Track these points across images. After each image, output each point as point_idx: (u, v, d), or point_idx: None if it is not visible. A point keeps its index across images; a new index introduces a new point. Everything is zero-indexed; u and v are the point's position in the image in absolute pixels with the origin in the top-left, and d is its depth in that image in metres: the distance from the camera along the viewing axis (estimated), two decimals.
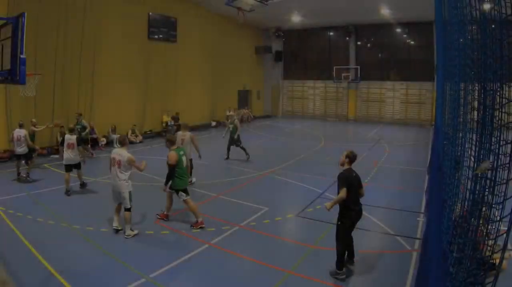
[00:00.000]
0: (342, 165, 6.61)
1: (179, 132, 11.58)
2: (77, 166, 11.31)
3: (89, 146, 16.62)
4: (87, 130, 16.31)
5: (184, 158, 8.59)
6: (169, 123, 22.40)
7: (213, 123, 27.58)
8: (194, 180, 12.03)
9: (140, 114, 21.61)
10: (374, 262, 7.02)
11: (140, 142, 17.40)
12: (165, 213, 8.93)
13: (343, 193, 6.14)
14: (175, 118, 22.78)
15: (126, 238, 7.92)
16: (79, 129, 15.60)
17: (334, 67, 31.67)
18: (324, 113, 33.58)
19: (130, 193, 8.06)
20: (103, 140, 18.82)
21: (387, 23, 28.62)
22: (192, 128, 24.00)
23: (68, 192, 10.87)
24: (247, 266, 6.90)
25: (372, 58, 31.73)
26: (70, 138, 11.13)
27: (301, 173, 13.67)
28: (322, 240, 7.91)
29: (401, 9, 24.61)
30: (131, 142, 12.23)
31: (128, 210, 8.05)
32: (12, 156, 13.26)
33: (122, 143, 8.24)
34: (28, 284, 6.00)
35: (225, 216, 9.18)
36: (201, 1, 24.93)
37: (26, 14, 5.93)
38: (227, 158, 15.67)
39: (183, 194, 8.45)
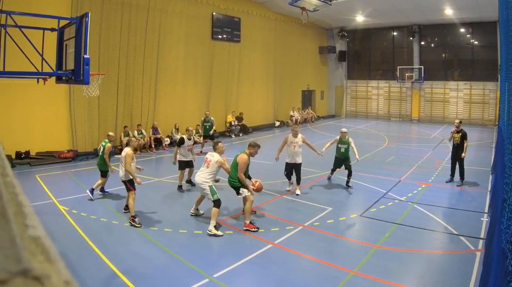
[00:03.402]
0: (457, 127, 11.86)
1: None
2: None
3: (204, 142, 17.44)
4: (213, 127, 18.09)
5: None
6: (232, 124, 23.04)
7: (277, 124, 27.61)
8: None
9: (203, 115, 20.72)
10: (438, 262, 7.09)
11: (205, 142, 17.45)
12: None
13: (467, 141, 11.71)
14: (239, 119, 23.42)
15: (208, 233, 8.11)
16: (207, 127, 17.60)
17: (398, 67, 31.08)
18: (388, 114, 32.92)
19: (210, 187, 8.38)
20: (167, 141, 18.74)
21: (451, 23, 27.87)
22: (255, 129, 24.66)
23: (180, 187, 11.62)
24: (310, 266, 6.95)
25: (435, 58, 30.78)
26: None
27: (364, 172, 13.68)
28: (386, 240, 7.96)
29: (465, 9, 23.85)
30: (195, 143, 12.47)
31: (215, 205, 8.26)
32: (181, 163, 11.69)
33: (214, 148, 8.92)
34: (92, 284, 6.08)
35: (288, 216, 9.31)
36: (265, 1, 25.04)
37: (89, 14, 6.20)
38: (332, 175, 13.05)
39: (244, 190, 8.61)
